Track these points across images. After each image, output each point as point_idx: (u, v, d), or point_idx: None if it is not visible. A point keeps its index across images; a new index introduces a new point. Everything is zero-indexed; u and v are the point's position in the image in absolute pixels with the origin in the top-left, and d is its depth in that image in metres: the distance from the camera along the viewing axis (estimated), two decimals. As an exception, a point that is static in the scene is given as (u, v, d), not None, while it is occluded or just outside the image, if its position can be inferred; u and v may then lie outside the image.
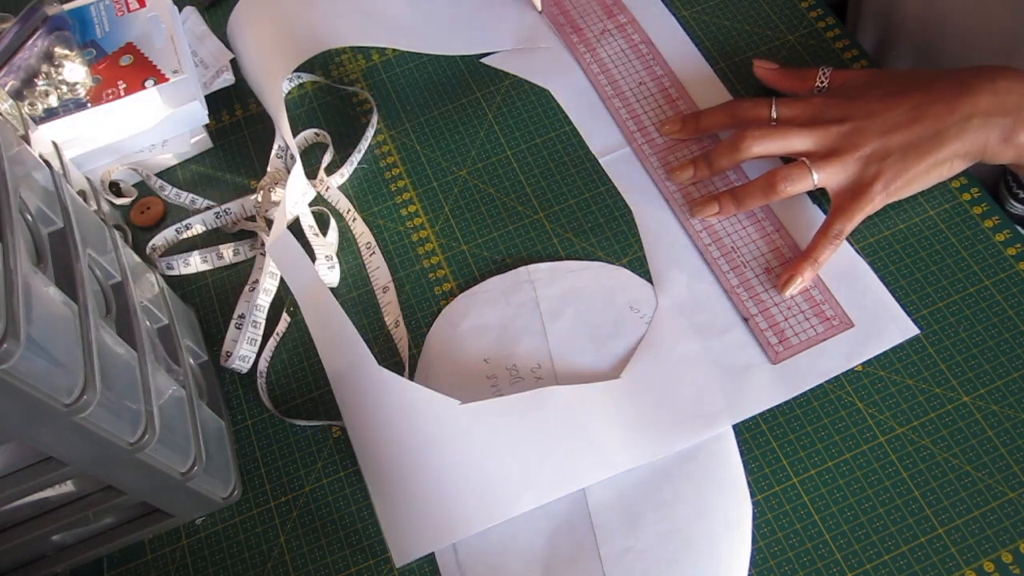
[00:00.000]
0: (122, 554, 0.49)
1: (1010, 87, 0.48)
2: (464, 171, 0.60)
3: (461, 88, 0.63)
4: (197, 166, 0.62)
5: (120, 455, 0.38)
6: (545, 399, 0.48)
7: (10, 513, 0.41)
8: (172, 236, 0.59)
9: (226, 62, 0.63)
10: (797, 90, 0.56)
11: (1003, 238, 0.52)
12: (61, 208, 0.41)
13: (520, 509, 0.46)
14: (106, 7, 0.62)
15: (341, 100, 0.64)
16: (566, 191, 0.58)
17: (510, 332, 0.53)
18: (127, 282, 0.45)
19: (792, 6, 0.63)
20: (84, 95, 0.57)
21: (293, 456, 0.51)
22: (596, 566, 0.45)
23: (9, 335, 0.29)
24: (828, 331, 0.50)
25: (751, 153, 0.52)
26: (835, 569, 0.45)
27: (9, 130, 0.41)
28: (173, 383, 0.44)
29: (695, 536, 0.46)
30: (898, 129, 0.49)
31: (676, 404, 0.49)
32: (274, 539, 0.49)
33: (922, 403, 0.48)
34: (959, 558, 0.44)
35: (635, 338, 0.51)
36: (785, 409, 0.49)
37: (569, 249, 0.55)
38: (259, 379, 0.53)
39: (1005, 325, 0.49)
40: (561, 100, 0.61)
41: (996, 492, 0.45)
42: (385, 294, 0.55)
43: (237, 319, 0.55)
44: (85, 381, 0.34)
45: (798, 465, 0.47)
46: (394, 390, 0.48)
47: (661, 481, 0.47)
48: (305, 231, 0.56)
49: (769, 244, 0.53)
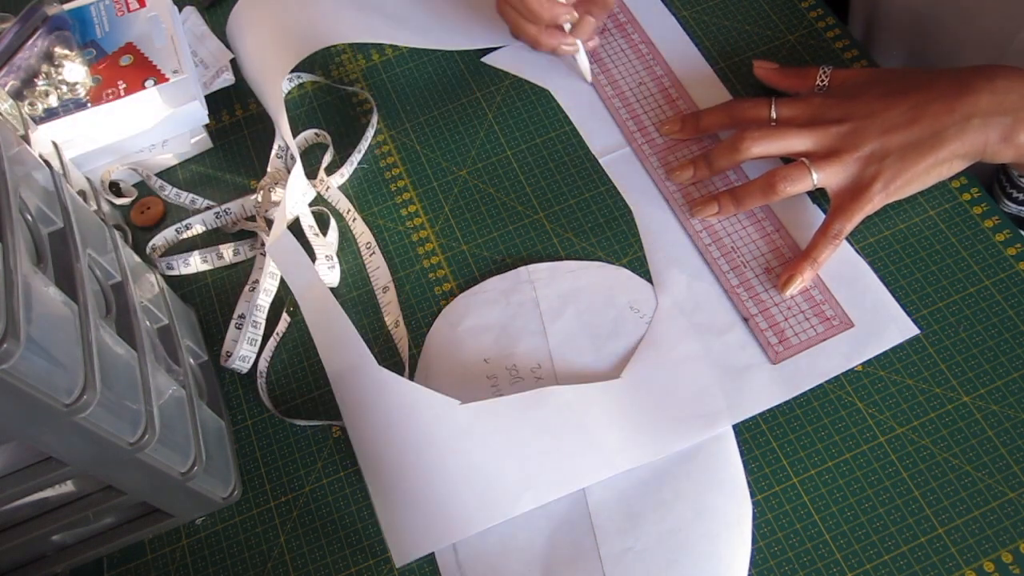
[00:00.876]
0: (122, 554, 0.49)
1: (1009, 86, 0.48)
2: (464, 171, 0.60)
3: (461, 88, 0.63)
4: (197, 166, 0.62)
5: (120, 455, 0.38)
6: (545, 399, 0.48)
7: (10, 513, 0.41)
8: (172, 236, 0.59)
9: (226, 62, 0.63)
10: (797, 90, 0.56)
11: (1003, 238, 0.52)
12: (61, 208, 0.41)
13: (520, 509, 0.46)
14: (106, 7, 0.62)
15: (341, 100, 0.64)
16: (566, 191, 0.58)
17: (510, 332, 0.53)
18: (127, 282, 0.45)
19: (792, 6, 0.63)
20: (84, 95, 0.57)
21: (293, 456, 0.51)
22: (596, 566, 0.45)
23: (9, 335, 0.29)
24: (828, 331, 0.50)
25: (750, 154, 0.52)
26: (835, 569, 0.45)
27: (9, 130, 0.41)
28: (173, 383, 0.44)
29: (695, 536, 0.46)
30: (897, 129, 0.49)
31: (676, 404, 0.49)
32: (274, 539, 0.49)
33: (922, 403, 0.48)
34: (959, 558, 0.44)
35: (635, 338, 0.51)
36: (785, 409, 0.49)
37: (569, 249, 0.56)
38: (259, 379, 0.53)
39: (1005, 325, 0.49)
40: (561, 100, 0.61)
41: (996, 492, 0.45)
42: (385, 294, 0.55)
43: (237, 319, 0.55)
44: (85, 381, 0.34)
45: (798, 465, 0.47)
46: (394, 390, 0.48)
47: (661, 481, 0.47)
48: (305, 231, 0.56)
49: (769, 244, 0.53)
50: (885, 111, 0.49)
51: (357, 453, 0.48)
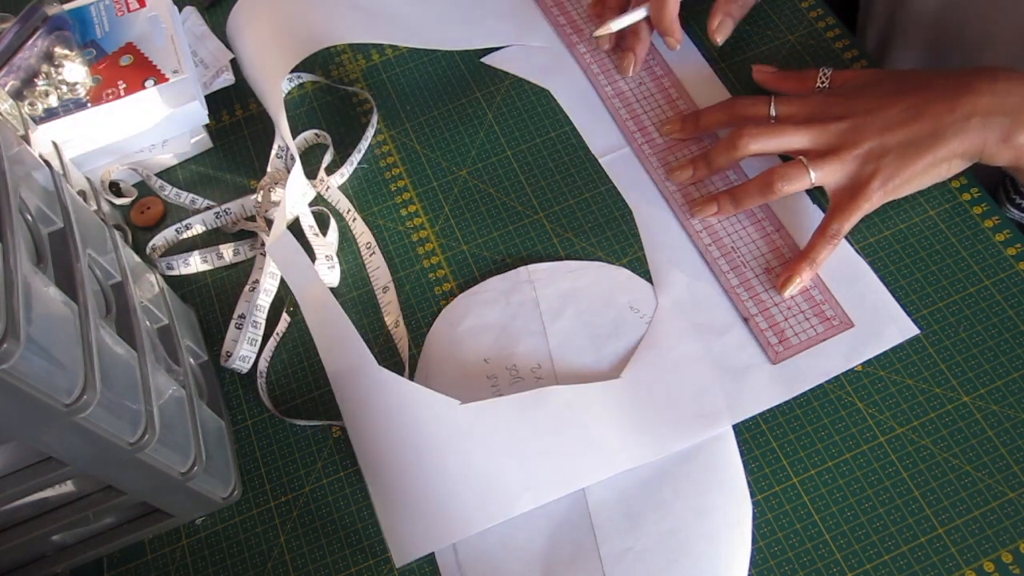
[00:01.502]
0: (122, 554, 0.49)
1: (1010, 88, 0.48)
2: (464, 171, 0.60)
3: (461, 88, 0.63)
4: (197, 166, 0.62)
5: (120, 455, 0.38)
6: (545, 399, 0.48)
7: (10, 513, 0.41)
8: (172, 236, 0.59)
9: (226, 62, 0.63)
10: (798, 91, 0.56)
11: (1003, 238, 0.52)
12: (61, 208, 0.41)
13: (520, 509, 0.46)
14: (106, 7, 0.61)
15: (341, 100, 0.64)
16: (566, 191, 0.58)
17: (510, 332, 0.53)
18: (127, 282, 0.45)
19: (792, 6, 0.63)
20: (84, 95, 0.57)
21: (293, 456, 0.51)
22: (596, 566, 0.45)
23: (9, 335, 0.29)
24: (828, 331, 0.50)
25: (748, 151, 0.52)
26: (835, 569, 0.45)
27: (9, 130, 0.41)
28: (173, 383, 0.44)
29: (695, 536, 0.46)
30: (896, 127, 0.49)
31: (676, 404, 0.49)
32: (274, 539, 0.49)
33: (922, 403, 0.48)
34: (959, 558, 0.44)
35: (635, 338, 0.51)
36: (785, 409, 0.49)
37: (569, 249, 0.55)
38: (259, 379, 0.53)
39: (1005, 325, 0.49)
40: (561, 100, 0.61)
41: (996, 492, 0.45)
42: (385, 294, 0.55)
43: (237, 319, 0.55)
44: (85, 381, 0.34)
45: (798, 465, 0.47)
46: (394, 390, 0.48)
47: (661, 481, 0.47)
48: (305, 231, 0.56)
49: (769, 244, 0.53)
50: (884, 109, 0.49)
51: (357, 453, 0.48)
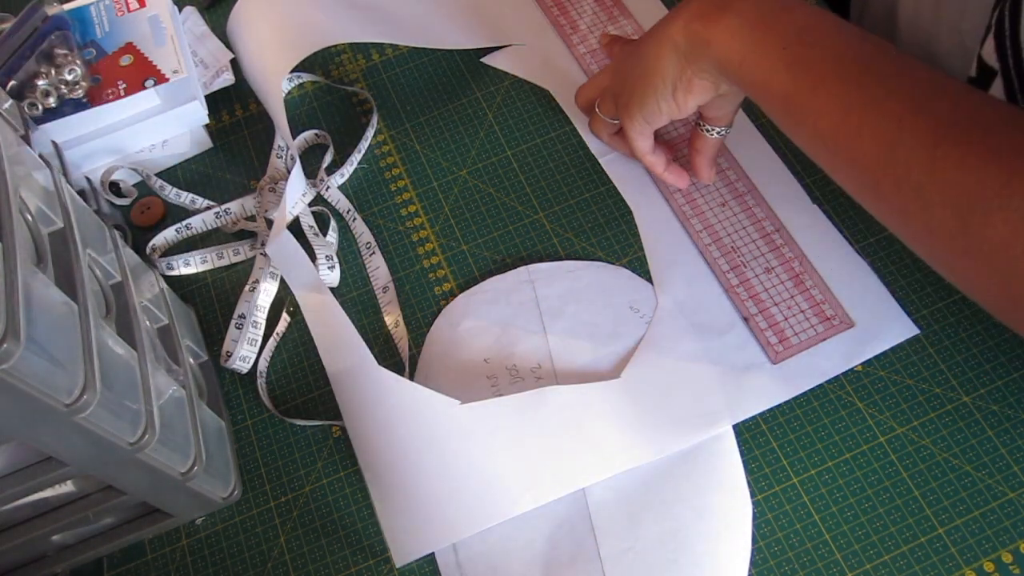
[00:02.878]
0: (122, 554, 0.49)
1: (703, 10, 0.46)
2: (464, 171, 0.60)
3: (461, 88, 0.63)
4: (197, 166, 0.62)
5: (120, 455, 0.38)
6: (545, 399, 0.48)
7: (10, 513, 0.41)
8: (172, 236, 0.59)
9: (226, 62, 0.63)
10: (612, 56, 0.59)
11: (1003, 238, 0.52)
12: (61, 208, 0.41)
13: (520, 509, 0.46)
14: (106, 7, 0.61)
15: (341, 100, 0.64)
16: (566, 191, 0.58)
17: (510, 332, 0.53)
18: (127, 282, 0.45)
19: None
20: (84, 95, 0.57)
21: (293, 456, 0.51)
22: (596, 566, 0.45)
23: (9, 335, 0.29)
24: (828, 331, 0.50)
25: (600, 133, 0.58)
26: (835, 569, 0.45)
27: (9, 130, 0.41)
28: (173, 383, 0.44)
29: (695, 536, 0.46)
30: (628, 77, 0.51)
31: (676, 404, 0.49)
32: (274, 539, 0.49)
33: (922, 403, 0.48)
34: (959, 558, 0.44)
35: (635, 338, 0.51)
36: (785, 409, 0.49)
37: (569, 249, 0.55)
38: (259, 379, 0.53)
39: (1005, 325, 0.49)
40: (561, 100, 0.61)
41: (996, 492, 0.45)
42: (385, 294, 0.55)
43: (237, 319, 0.55)
44: (85, 381, 0.34)
45: (798, 465, 0.47)
46: (394, 390, 0.48)
47: (661, 481, 0.47)
48: (305, 231, 0.56)
49: (769, 244, 0.53)
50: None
51: (357, 453, 0.48)
